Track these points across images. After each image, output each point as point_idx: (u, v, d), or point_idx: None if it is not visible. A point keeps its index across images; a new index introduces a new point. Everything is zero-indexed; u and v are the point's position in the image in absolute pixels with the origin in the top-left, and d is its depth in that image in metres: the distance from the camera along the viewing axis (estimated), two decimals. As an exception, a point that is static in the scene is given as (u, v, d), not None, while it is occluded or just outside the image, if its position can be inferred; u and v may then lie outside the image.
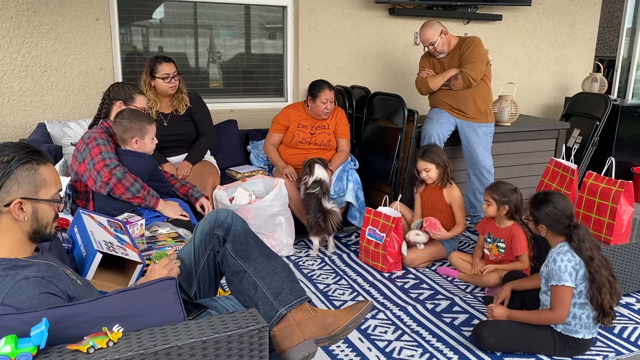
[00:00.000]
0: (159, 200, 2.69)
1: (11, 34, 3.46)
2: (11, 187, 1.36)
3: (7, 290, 1.29)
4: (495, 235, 2.93)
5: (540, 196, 2.34)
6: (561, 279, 2.20)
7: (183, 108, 3.45)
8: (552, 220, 2.29)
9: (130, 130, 2.63)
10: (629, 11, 6.01)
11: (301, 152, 3.64)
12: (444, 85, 3.73)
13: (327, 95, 3.56)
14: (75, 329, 1.27)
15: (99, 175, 2.56)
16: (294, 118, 3.67)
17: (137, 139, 2.65)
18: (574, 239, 2.24)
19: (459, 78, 3.65)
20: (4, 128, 3.57)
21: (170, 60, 3.34)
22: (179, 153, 3.49)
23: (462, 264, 3.11)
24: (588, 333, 2.29)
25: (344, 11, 4.29)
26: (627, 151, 4.83)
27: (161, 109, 3.42)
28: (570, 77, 5.36)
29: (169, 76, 3.31)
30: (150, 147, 2.72)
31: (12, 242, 1.40)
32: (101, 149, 2.59)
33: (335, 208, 3.38)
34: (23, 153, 1.38)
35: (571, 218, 2.28)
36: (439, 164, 3.25)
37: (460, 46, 3.70)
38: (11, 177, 1.36)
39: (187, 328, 1.35)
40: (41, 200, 1.42)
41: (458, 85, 3.68)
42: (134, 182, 2.60)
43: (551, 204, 2.28)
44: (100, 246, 1.93)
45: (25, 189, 1.38)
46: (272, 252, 1.87)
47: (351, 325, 1.75)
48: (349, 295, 2.91)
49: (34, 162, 1.39)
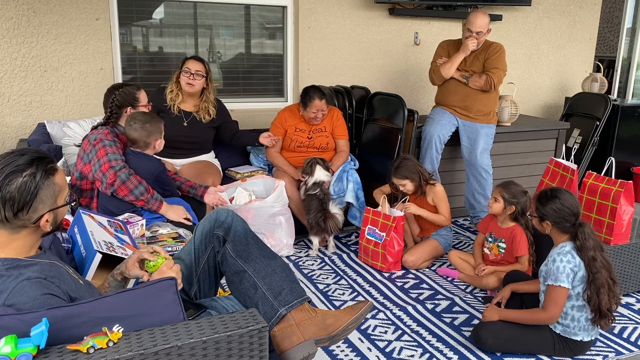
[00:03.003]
0: (162, 204, 2.69)
1: (11, 34, 3.46)
2: (37, 206, 1.38)
3: (10, 290, 1.29)
4: (497, 235, 2.93)
5: (548, 192, 2.31)
6: (558, 279, 2.20)
7: (207, 118, 3.44)
8: (558, 217, 2.26)
9: (153, 134, 2.70)
10: (629, 11, 6.01)
11: (301, 156, 3.63)
12: (462, 78, 3.68)
13: (317, 105, 3.49)
14: (75, 329, 1.27)
15: (105, 176, 2.56)
16: (290, 122, 3.64)
17: (159, 140, 2.74)
18: (579, 237, 2.22)
19: (482, 77, 3.63)
20: (4, 128, 3.57)
21: (199, 60, 3.36)
22: (189, 156, 3.48)
23: (461, 263, 3.11)
24: (587, 335, 2.29)
25: (344, 11, 4.29)
26: (627, 151, 4.83)
27: (183, 106, 3.43)
28: (570, 77, 5.36)
29: (189, 71, 3.31)
30: (163, 145, 2.80)
31: (21, 245, 1.41)
32: (107, 150, 2.59)
33: (339, 213, 3.38)
34: (40, 169, 1.38)
35: (577, 216, 2.26)
36: (413, 178, 3.24)
37: (486, 48, 3.69)
38: (37, 198, 1.37)
39: (187, 328, 1.35)
40: (61, 207, 1.45)
41: (477, 84, 3.65)
42: (138, 185, 2.60)
43: (558, 200, 2.26)
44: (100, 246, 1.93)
45: (49, 203, 1.41)
46: (272, 252, 1.87)
47: (351, 326, 1.75)
48: (349, 295, 2.91)
49: (50, 175, 1.40)
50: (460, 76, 3.69)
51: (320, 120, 3.61)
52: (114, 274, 1.68)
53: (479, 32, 3.61)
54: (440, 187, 3.29)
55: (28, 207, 1.36)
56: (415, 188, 3.27)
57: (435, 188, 3.27)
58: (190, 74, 3.31)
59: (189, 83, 3.33)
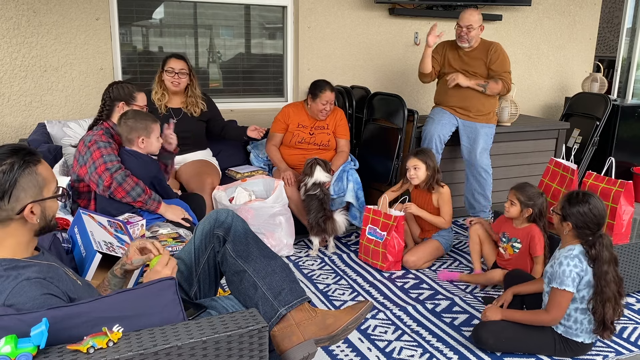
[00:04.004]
0: (160, 204, 2.68)
1: (11, 34, 3.46)
2: (19, 195, 1.37)
3: (9, 291, 1.29)
4: (511, 235, 2.90)
5: (580, 195, 2.24)
6: (563, 283, 2.18)
7: (198, 112, 3.49)
8: (581, 221, 2.20)
9: (136, 130, 2.64)
10: (629, 11, 6.01)
11: (300, 153, 3.64)
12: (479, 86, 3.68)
13: (327, 97, 3.55)
14: (75, 330, 1.27)
15: (101, 179, 2.55)
16: (293, 117, 3.66)
17: (144, 138, 2.67)
18: (596, 247, 2.17)
19: (499, 83, 3.66)
20: (4, 128, 3.57)
21: (181, 58, 3.39)
22: (184, 152, 3.48)
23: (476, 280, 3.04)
24: (588, 338, 2.29)
25: (344, 11, 4.29)
26: (627, 151, 4.83)
27: (170, 104, 3.46)
28: (570, 77, 5.36)
29: (173, 71, 3.35)
30: (157, 146, 2.74)
31: (16, 244, 1.40)
32: (102, 152, 2.58)
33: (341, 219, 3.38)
34: (19, 158, 1.38)
35: (600, 226, 2.21)
36: (429, 166, 3.23)
37: (486, 49, 3.70)
38: (17, 185, 1.37)
39: (187, 328, 1.35)
40: (47, 199, 1.43)
41: (495, 91, 3.69)
42: (135, 186, 2.59)
43: (587, 205, 2.19)
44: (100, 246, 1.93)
45: (32, 193, 1.39)
46: (272, 252, 1.87)
47: (351, 326, 1.75)
48: (349, 295, 2.91)
49: (31, 164, 1.40)
50: (476, 84, 3.69)
51: (327, 115, 3.63)
52: (114, 270, 1.68)
53: (469, 26, 3.62)
54: (447, 189, 3.29)
55: (9, 195, 1.35)
56: (426, 179, 3.25)
57: (442, 189, 3.27)
58: (174, 73, 3.36)
59: (174, 82, 3.38)
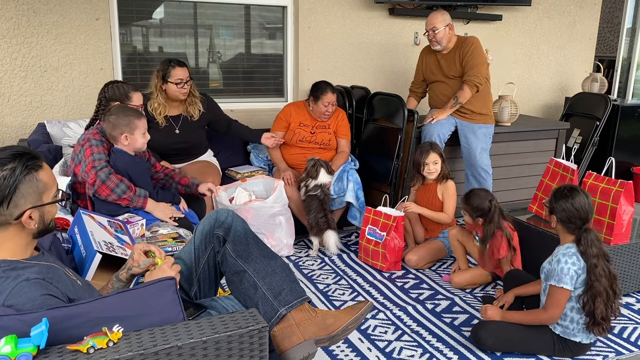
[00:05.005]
0: (147, 201, 2.63)
1: (11, 34, 3.46)
2: (18, 201, 1.36)
3: (9, 291, 1.29)
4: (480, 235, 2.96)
5: (564, 190, 2.27)
6: (561, 281, 2.19)
7: (197, 113, 3.36)
8: (565, 216, 2.24)
9: (119, 127, 2.56)
10: (629, 11, 6.01)
11: (301, 152, 3.64)
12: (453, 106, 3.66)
13: (329, 98, 3.54)
14: (75, 330, 1.27)
15: (88, 176, 2.53)
16: (295, 116, 3.67)
17: (127, 135, 2.58)
18: (582, 242, 2.20)
19: (465, 89, 3.61)
20: (4, 128, 3.57)
21: (184, 65, 3.23)
22: (187, 160, 3.47)
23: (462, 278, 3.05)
24: (586, 338, 2.29)
25: (344, 11, 4.29)
26: (627, 151, 4.83)
27: (170, 112, 3.33)
28: (570, 77, 5.36)
29: (182, 81, 3.20)
30: (142, 142, 2.64)
31: (15, 246, 1.40)
32: (93, 150, 2.56)
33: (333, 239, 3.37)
34: (21, 164, 1.37)
35: (585, 221, 2.23)
36: (444, 160, 3.31)
37: (459, 47, 3.68)
38: (17, 192, 1.36)
39: (187, 328, 1.35)
40: (46, 204, 1.42)
41: (466, 97, 3.63)
42: (119, 183, 2.53)
43: (570, 200, 2.22)
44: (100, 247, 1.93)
45: (31, 199, 1.39)
46: (272, 252, 1.87)
47: (351, 326, 1.75)
48: (349, 295, 2.91)
49: (32, 170, 1.38)
50: (451, 107, 3.68)
51: (330, 115, 3.64)
52: (119, 275, 1.67)
53: (433, 28, 3.62)
54: (452, 183, 3.31)
55: (8, 201, 1.34)
56: (440, 172, 3.29)
57: (447, 183, 3.29)
58: (183, 84, 3.22)
59: (184, 92, 3.25)
